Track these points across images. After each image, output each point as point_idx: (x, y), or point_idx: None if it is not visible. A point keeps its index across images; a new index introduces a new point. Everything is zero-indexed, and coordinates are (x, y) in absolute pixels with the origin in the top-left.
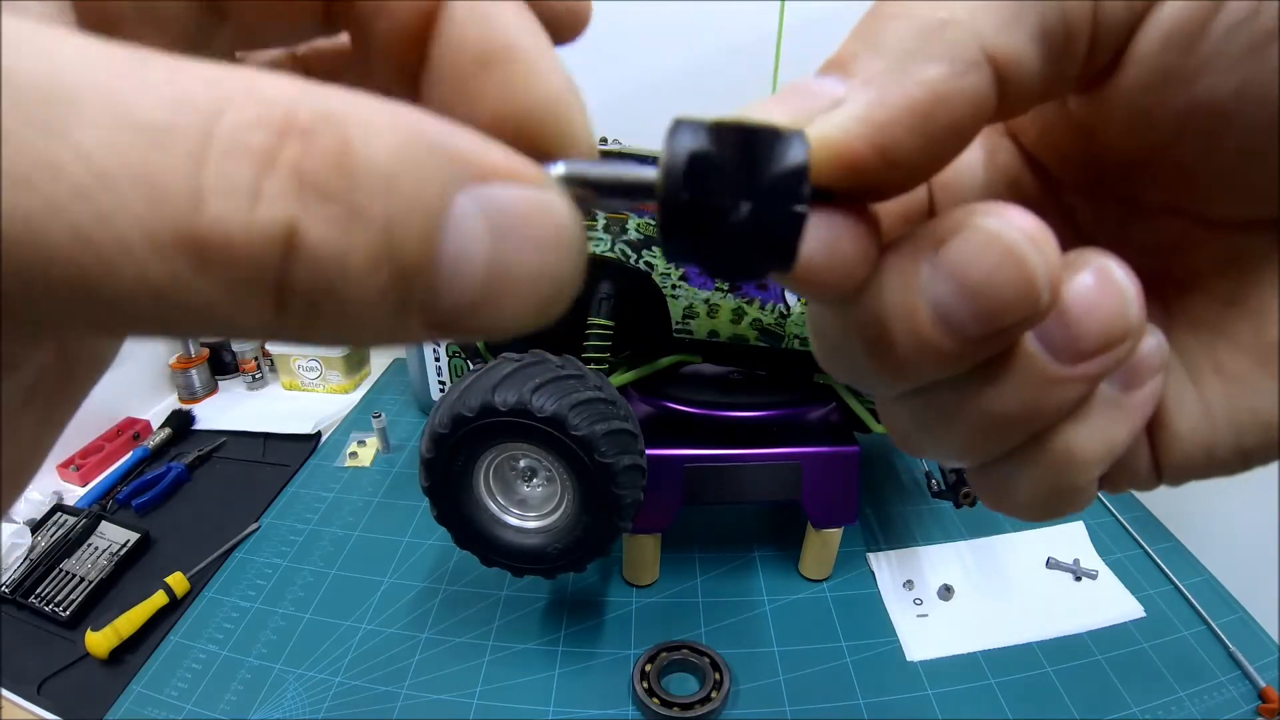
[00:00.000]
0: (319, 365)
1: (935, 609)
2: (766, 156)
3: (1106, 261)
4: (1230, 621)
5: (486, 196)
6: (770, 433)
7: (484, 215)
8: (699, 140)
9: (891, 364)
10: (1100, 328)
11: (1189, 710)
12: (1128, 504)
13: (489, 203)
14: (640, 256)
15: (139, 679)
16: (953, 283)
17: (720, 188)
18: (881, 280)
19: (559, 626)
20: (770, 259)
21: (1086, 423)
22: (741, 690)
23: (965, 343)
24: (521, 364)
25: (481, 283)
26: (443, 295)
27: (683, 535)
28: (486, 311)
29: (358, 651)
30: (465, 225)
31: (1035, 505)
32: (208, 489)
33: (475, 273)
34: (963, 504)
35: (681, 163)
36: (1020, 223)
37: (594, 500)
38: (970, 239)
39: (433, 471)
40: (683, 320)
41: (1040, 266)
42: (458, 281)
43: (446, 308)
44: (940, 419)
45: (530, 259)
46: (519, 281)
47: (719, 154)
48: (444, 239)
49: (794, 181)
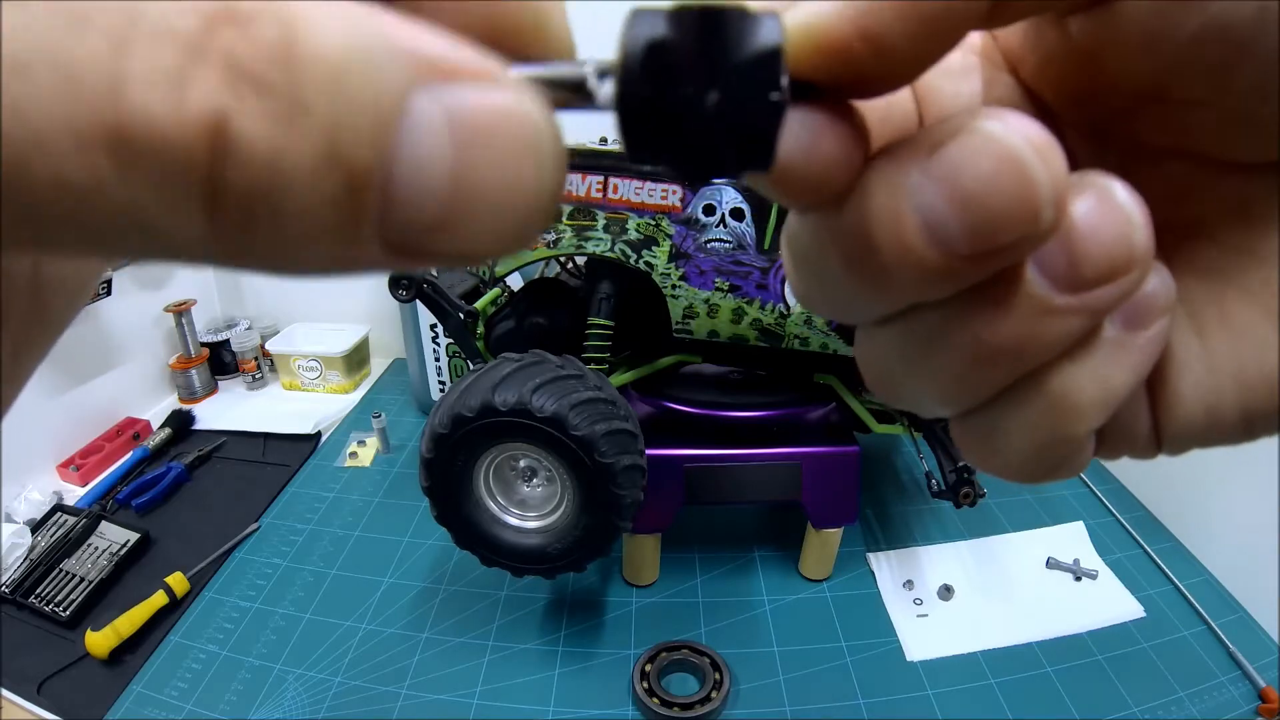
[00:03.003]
0: (319, 365)
1: (935, 609)
2: (735, 40)
3: (1112, 183)
4: (1230, 621)
5: (450, 98)
6: (770, 433)
7: (447, 118)
8: (657, 27)
9: (871, 280)
10: (1105, 254)
11: (1189, 710)
12: (1128, 504)
13: (452, 105)
14: (640, 256)
15: (139, 679)
16: (944, 190)
17: (683, 77)
18: (867, 186)
19: (559, 626)
20: (745, 155)
21: (1085, 363)
22: (741, 690)
23: (954, 259)
24: (521, 364)
25: (445, 195)
26: (400, 209)
27: (683, 535)
28: (454, 230)
29: (358, 651)
30: (424, 129)
31: (1027, 459)
32: (208, 489)
33: (437, 183)
34: (963, 504)
35: (639, 52)
36: (1025, 129)
37: (594, 500)
38: (967, 142)
39: (433, 471)
40: (683, 320)
41: (1044, 178)
42: (417, 194)
43: (406, 225)
44: (924, 349)
45: (501, 169)
46: (489, 195)
47: (680, 40)
48: (399, 143)
49: (768, 66)
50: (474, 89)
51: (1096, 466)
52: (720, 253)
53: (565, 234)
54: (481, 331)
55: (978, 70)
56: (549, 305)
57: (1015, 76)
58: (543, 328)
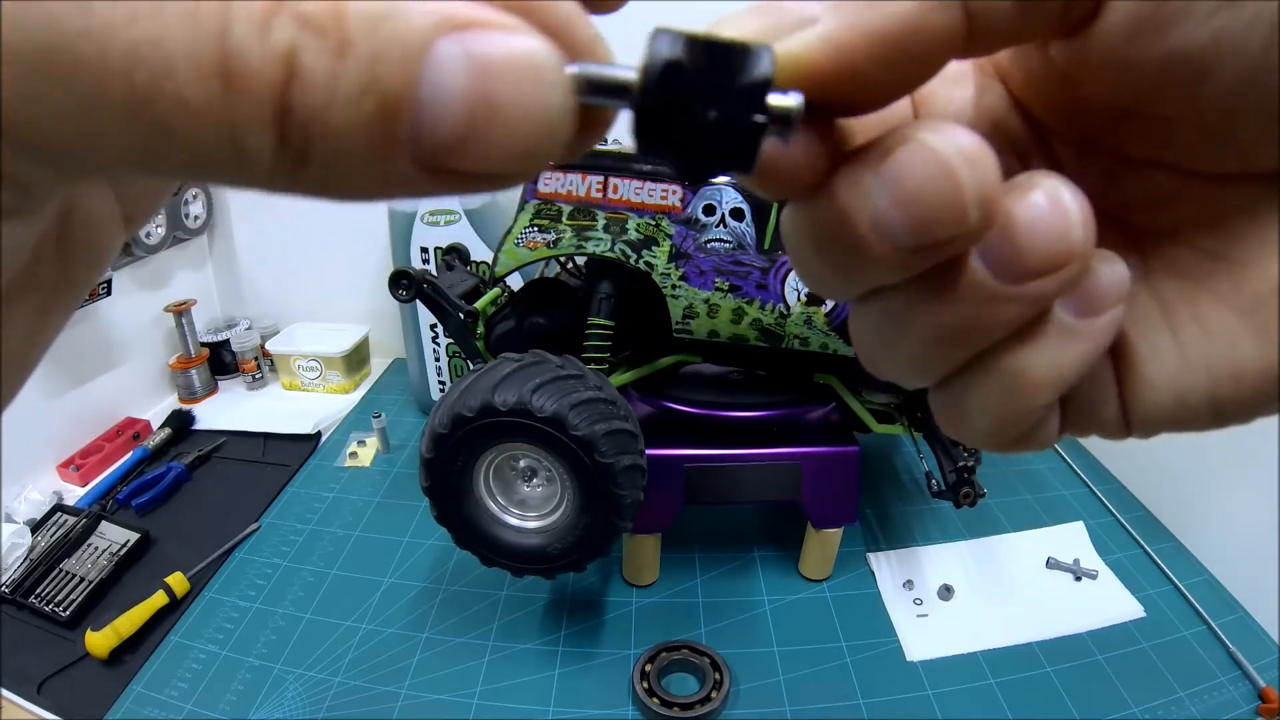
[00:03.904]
0: (319, 365)
1: (935, 609)
2: (735, 69)
3: (1054, 183)
4: (1230, 621)
5: (467, 39)
6: (770, 433)
7: (464, 55)
8: (675, 49)
9: (833, 263)
10: (1043, 249)
11: (1189, 710)
12: (1128, 504)
13: (470, 44)
14: (640, 256)
15: (139, 679)
16: (889, 192)
17: (691, 94)
18: (833, 184)
19: (559, 626)
20: (731, 161)
21: (1034, 346)
22: (741, 690)
23: (899, 251)
24: (521, 364)
25: (463, 118)
26: (425, 129)
27: (683, 535)
28: (472, 147)
29: (358, 651)
30: (445, 63)
31: (990, 429)
32: (208, 489)
33: (455, 105)
34: (963, 504)
35: (658, 68)
36: (958, 140)
37: (594, 500)
38: (908, 151)
39: (433, 471)
40: (683, 320)
41: (970, 184)
42: (439, 115)
43: (432, 144)
44: (892, 327)
45: (509, 93)
46: (501, 118)
47: (692, 63)
48: (424, 73)
49: (757, 94)
50: (489, 33)
51: (1097, 466)
52: (720, 253)
53: (565, 234)
54: (481, 331)
55: (971, 78)
56: (549, 305)
57: (1005, 87)
58: (543, 328)
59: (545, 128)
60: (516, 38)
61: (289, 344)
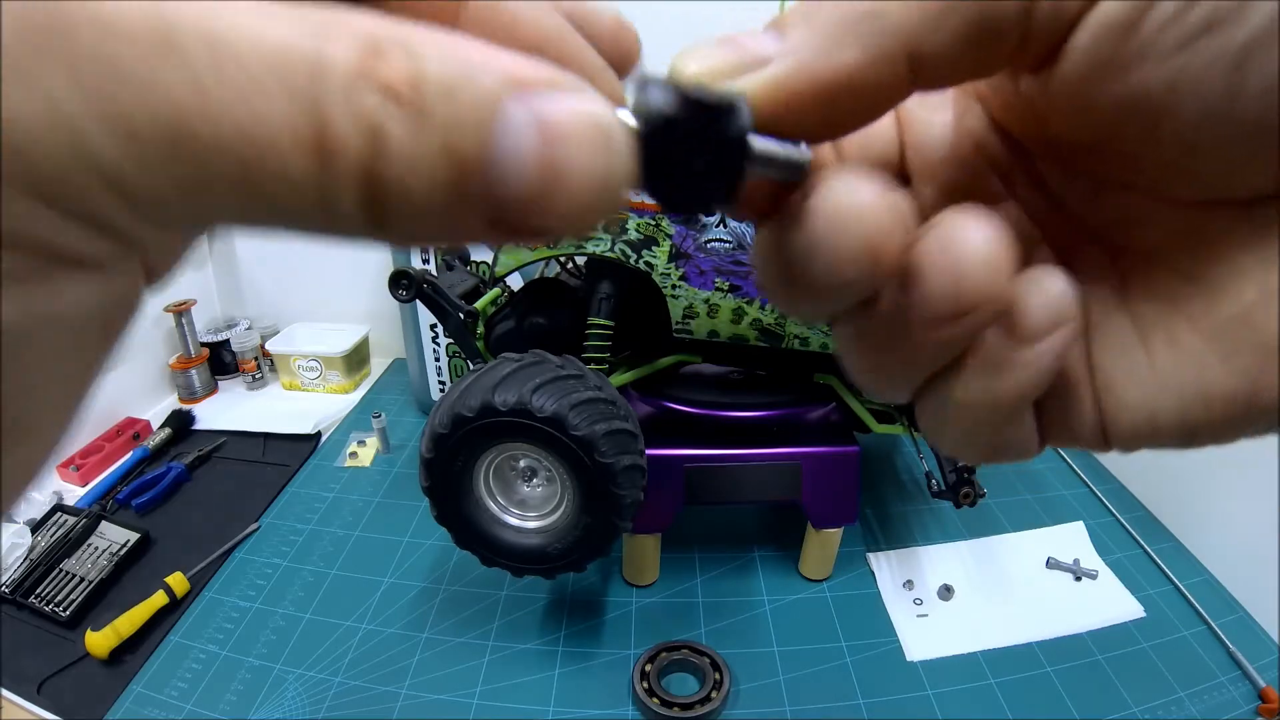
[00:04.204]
0: (319, 365)
1: (935, 609)
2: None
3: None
4: (1230, 621)
5: (533, 102)
6: (770, 433)
7: (533, 119)
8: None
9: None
10: (942, 296)
11: (1189, 710)
12: (1128, 504)
13: (536, 107)
14: (640, 256)
15: (139, 679)
16: (804, 234)
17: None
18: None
19: (559, 626)
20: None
21: (963, 375)
22: (741, 690)
23: (818, 289)
24: (521, 364)
25: (535, 177)
26: (499, 189)
27: (683, 535)
28: (541, 207)
29: (358, 651)
30: (515, 127)
31: (956, 445)
32: (208, 489)
33: (527, 168)
34: (963, 504)
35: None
36: (863, 194)
37: (594, 500)
38: (821, 197)
39: (433, 471)
40: (683, 320)
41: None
42: (512, 176)
43: (504, 202)
44: (849, 349)
45: (579, 157)
46: (570, 177)
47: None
48: (497, 138)
49: (737, 150)
50: (554, 95)
51: (1097, 466)
52: (720, 253)
53: None
54: (481, 331)
55: (950, 103)
56: (549, 305)
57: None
58: (543, 328)
59: (611, 187)
60: (582, 101)
61: (289, 344)
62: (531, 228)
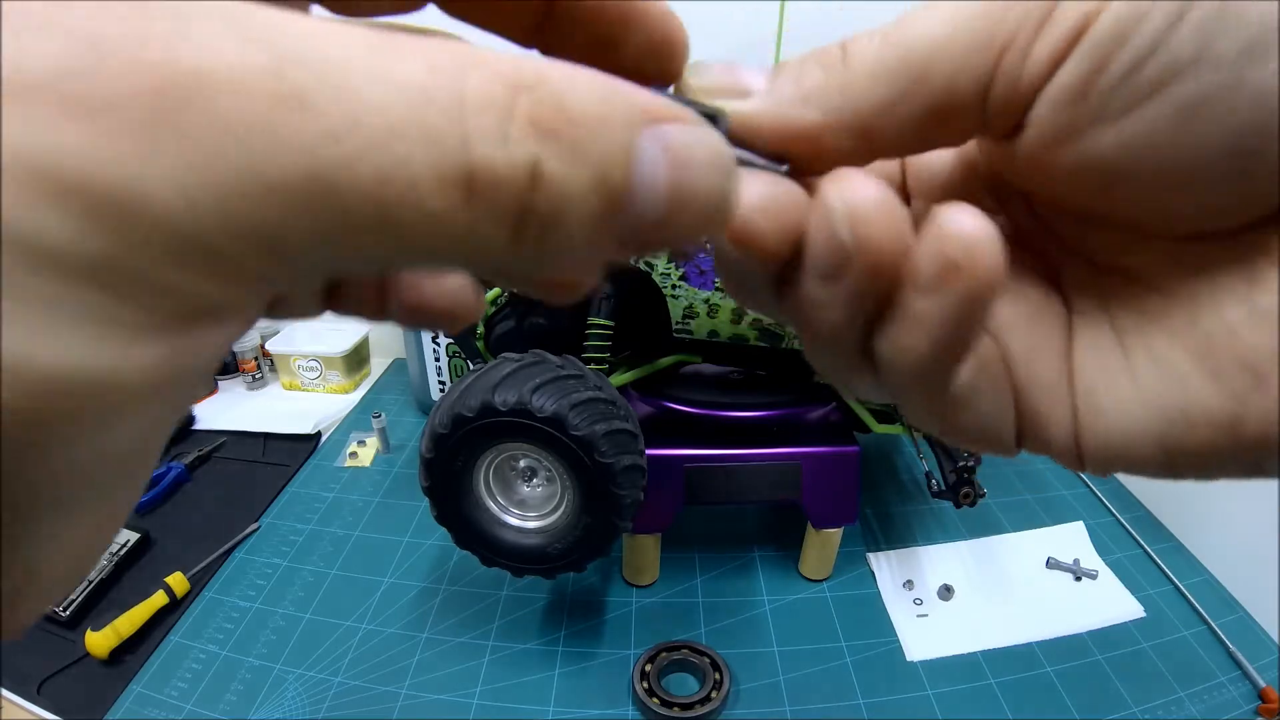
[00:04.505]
0: (319, 365)
1: (935, 609)
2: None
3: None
4: (1230, 621)
5: (662, 133)
6: (770, 433)
7: (663, 148)
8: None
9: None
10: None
11: (1189, 710)
12: (1128, 504)
13: (665, 139)
14: (640, 256)
15: (139, 679)
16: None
17: None
18: None
19: (559, 626)
20: None
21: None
22: (741, 690)
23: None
24: (521, 364)
25: (666, 200)
26: (635, 213)
27: (683, 535)
28: (672, 223)
29: (358, 651)
30: (649, 156)
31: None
32: (208, 489)
33: (660, 192)
34: (963, 504)
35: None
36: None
37: (594, 500)
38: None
39: (433, 471)
40: (683, 320)
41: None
42: (649, 202)
43: (638, 225)
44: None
45: (700, 178)
46: (694, 197)
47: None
48: (636, 168)
49: None
50: (676, 127)
51: None
52: None
53: None
54: (481, 331)
55: None
56: (549, 305)
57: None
58: (543, 328)
59: (725, 204)
60: (701, 132)
61: (289, 344)
62: (656, 244)
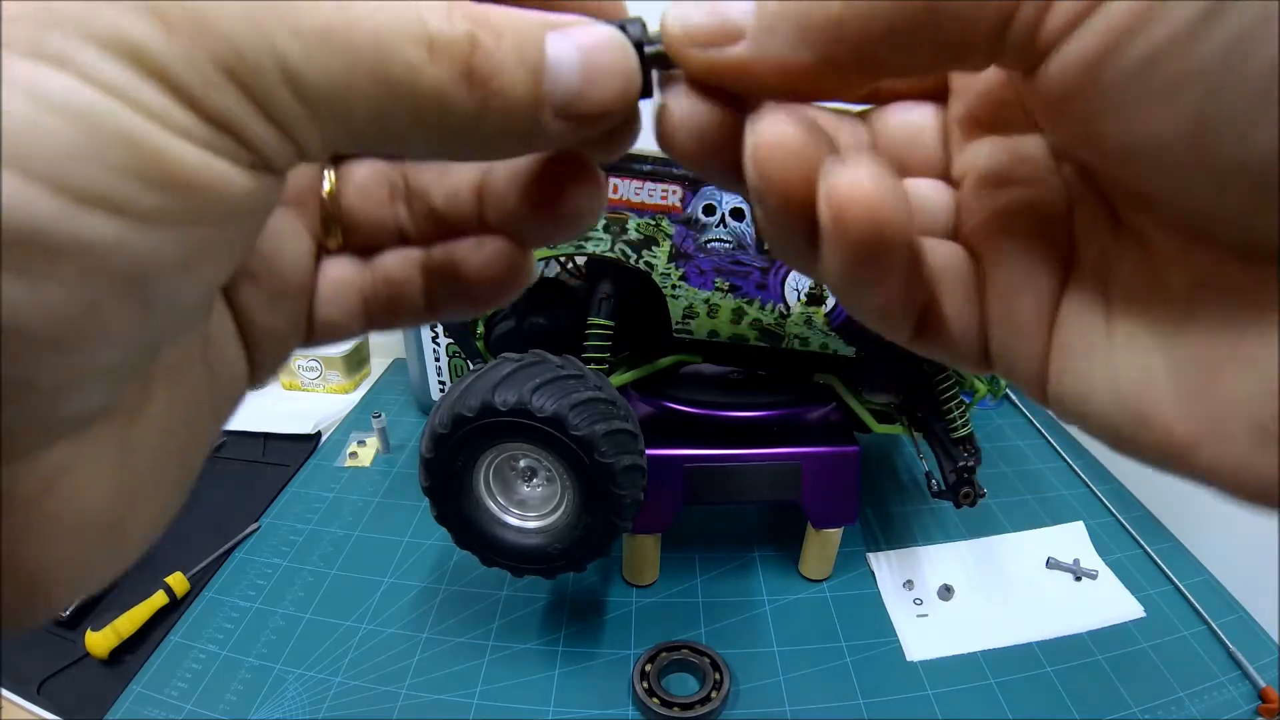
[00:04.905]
0: (319, 365)
1: (935, 609)
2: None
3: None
4: (1230, 621)
5: (567, 32)
6: (770, 433)
7: (569, 41)
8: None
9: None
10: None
11: (1189, 710)
12: (1128, 504)
13: (570, 35)
14: (640, 256)
15: (139, 679)
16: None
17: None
18: None
19: (559, 626)
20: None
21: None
22: (741, 690)
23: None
24: (521, 364)
25: (579, 75)
26: (557, 88)
27: (683, 535)
28: (587, 96)
29: (358, 651)
30: (559, 47)
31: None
32: (208, 489)
33: (573, 70)
34: (963, 504)
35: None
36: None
37: (594, 500)
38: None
39: (433, 471)
40: (683, 320)
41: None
42: (563, 76)
43: (564, 96)
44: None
45: (604, 58)
46: (603, 72)
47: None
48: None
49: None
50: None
51: (1097, 466)
52: (720, 253)
53: None
54: (481, 331)
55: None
56: (549, 305)
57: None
58: (543, 328)
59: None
60: (597, 27)
61: None
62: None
